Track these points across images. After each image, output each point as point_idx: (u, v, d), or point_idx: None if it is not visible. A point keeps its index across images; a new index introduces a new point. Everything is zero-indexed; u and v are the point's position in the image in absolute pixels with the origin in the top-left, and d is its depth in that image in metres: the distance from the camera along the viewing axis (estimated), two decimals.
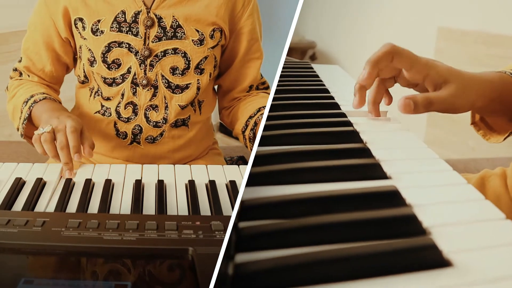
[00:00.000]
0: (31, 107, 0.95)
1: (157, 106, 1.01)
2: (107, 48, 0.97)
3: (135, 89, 1.00)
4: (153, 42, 0.98)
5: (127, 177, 0.82)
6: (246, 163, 1.24)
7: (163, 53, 0.98)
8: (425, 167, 0.57)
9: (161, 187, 0.78)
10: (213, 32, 1.01)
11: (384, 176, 0.53)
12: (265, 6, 1.32)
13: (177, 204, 0.75)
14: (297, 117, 0.73)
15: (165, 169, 0.86)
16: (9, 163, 0.85)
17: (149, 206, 0.73)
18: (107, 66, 0.98)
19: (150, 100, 1.01)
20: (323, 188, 0.49)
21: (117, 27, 0.97)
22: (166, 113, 1.02)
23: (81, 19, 0.98)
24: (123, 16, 0.97)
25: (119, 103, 1.01)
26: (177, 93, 1.02)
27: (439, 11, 2.45)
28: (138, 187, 0.78)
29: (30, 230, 0.60)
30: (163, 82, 1.00)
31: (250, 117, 1.02)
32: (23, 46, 1.05)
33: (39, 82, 1.05)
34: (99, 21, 0.97)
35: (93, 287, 0.51)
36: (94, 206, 0.72)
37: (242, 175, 0.86)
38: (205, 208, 0.74)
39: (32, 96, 0.97)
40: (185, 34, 0.99)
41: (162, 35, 0.98)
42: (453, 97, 0.68)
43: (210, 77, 1.05)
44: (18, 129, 0.99)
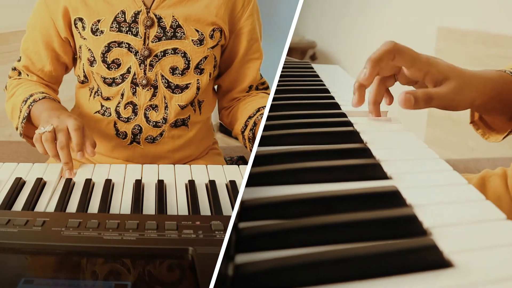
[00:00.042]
0: (30, 106, 0.95)
1: (157, 106, 1.01)
2: (106, 48, 0.97)
3: (134, 89, 1.00)
4: (152, 42, 0.98)
5: (127, 177, 0.82)
6: (246, 163, 1.24)
7: (162, 53, 0.98)
8: (425, 167, 0.56)
9: (161, 187, 0.78)
10: (213, 32, 1.01)
11: (384, 176, 0.53)
12: (265, 6, 1.32)
13: (177, 204, 0.75)
14: (297, 117, 0.73)
15: (165, 169, 0.86)
16: (9, 163, 0.85)
17: (149, 206, 0.73)
18: (106, 66, 0.98)
19: (150, 100, 1.01)
20: (323, 188, 0.49)
21: (117, 27, 0.97)
22: (166, 113, 1.02)
23: (81, 19, 0.98)
24: (123, 16, 0.97)
25: (119, 103, 1.01)
26: (177, 93, 1.02)
27: (439, 11, 2.45)
28: (138, 187, 0.78)
29: (30, 230, 0.60)
30: (162, 82, 1.00)
31: (249, 117, 1.02)
32: (22, 45, 1.05)
33: (38, 81, 1.05)
34: (99, 21, 0.97)
35: (93, 287, 0.51)
36: (94, 206, 0.72)
37: (242, 175, 0.86)
38: (205, 208, 0.74)
39: (31, 95, 0.97)
40: (184, 34, 0.98)
41: (161, 35, 0.98)
42: (452, 94, 0.68)
43: (210, 77, 1.05)
44: (17, 128, 0.99)
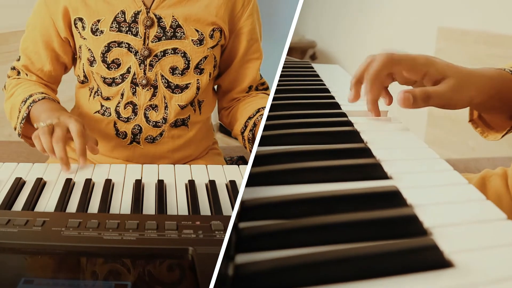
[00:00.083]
0: (30, 107, 0.95)
1: (156, 106, 1.01)
2: (106, 48, 0.97)
3: (134, 89, 1.00)
4: (152, 42, 0.97)
5: (127, 177, 0.82)
6: (246, 163, 1.24)
7: (162, 53, 0.98)
8: (425, 167, 0.56)
9: (161, 187, 0.78)
10: (212, 32, 1.01)
11: (384, 176, 0.53)
12: (265, 6, 1.32)
13: (177, 204, 0.75)
14: (297, 116, 0.73)
15: (165, 169, 0.86)
16: (9, 163, 0.85)
17: (149, 206, 0.73)
18: (106, 66, 0.98)
19: (149, 100, 1.01)
20: (324, 188, 0.49)
21: (117, 27, 0.96)
22: (165, 113, 1.02)
23: (81, 19, 0.98)
24: (123, 16, 0.97)
25: (119, 103, 1.01)
26: (176, 93, 1.02)
27: (439, 11, 2.45)
28: (138, 187, 0.78)
29: (30, 230, 0.60)
30: (162, 82, 1.00)
31: (249, 118, 1.02)
32: (21, 45, 1.05)
33: (37, 81, 1.05)
34: (98, 21, 0.97)
35: (93, 287, 0.51)
36: (94, 206, 0.72)
37: (242, 175, 0.86)
38: (205, 208, 0.74)
39: (30, 95, 0.97)
40: (184, 34, 0.98)
41: (161, 35, 0.98)
42: (451, 92, 0.67)
43: (209, 77, 1.05)
44: (15, 129, 0.99)
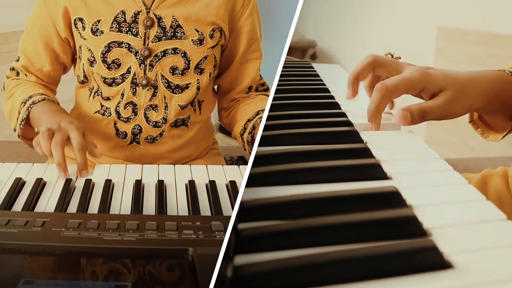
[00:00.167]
0: (30, 108, 0.95)
1: (156, 106, 1.01)
2: (107, 48, 0.97)
3: (135, 89, 1.00)
4: (152, 42, 0.97)
5: (127, 177, 0.82)
6: (246, 163, 1.24)
7: (163, 53, 0.98)
8: (425, 167, 0.56)
9: (161, 187, 0.78)
10: (212, 32, 1.01)
11: (384, 176, 0.53)
12: (265, 6, 1.31)
13: (177, 204, 0.75)
14: (297, 116, 0.72)
15: (165, 169, 0.86)
16: (9, 163, 0.85)
17: (149, 206, 0.73)
18: (107, 66, 0.98)
19: (150, 100, 1.01)
20: (323, 188, 0.49)
21: (117, 27, 0.96)
22: (166, 113, 1.02)
23: (81, 19, 0.98)
24: (123, 16, 0.97)
25: (119, 103, 1.01)
26: (177, 93, 1.02)
27: (439, 11, 2.45)
28: (138, 187, 0.78)
29: (30, 230, 0.60)
30: (163, 82, 1.00)
31: (248, 120, 1.02)
32: (20, 45, 1.05)
33: (36, 82, 1.05)
34: (99, 21, 0.97)
35: (93, 287, 0.51)
36: (94, 206, 0.72)
37: (242, 175, 0.86)
38: (205, 208, 0.73)
39: (30, 97, 0.97)
40: (184, 34, 0.98)
41: (161, 35, 0.98)
42: (448, 104, 0.67)
43: (210, 77, 1.05)
44: (14, 130, 0.98)
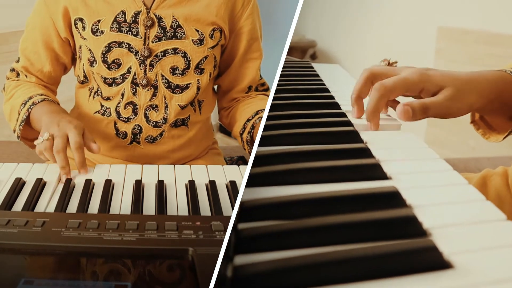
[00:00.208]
0: (30, 109, 0.95)
1: (157, 106, 1.01)
2: (107, 48, 0.97)
3: (135, 89, 1.00)
4: (153, 42, 0.97)
5: (127, 177, 0.82)
6: (246, 163, 1.24)
7: (163, 53, 0.98)
8: (425, 167, 0.56)
9: (161, 187, 0.78)
10: (213, 32, 1.01)
11: (384, 176, 0.53)
12: (265, 6, 1.31)
13: (177, 204, 0.75)
14: (297, 116, 0.72)
15: (165, 169, 0.86)
16: (9, 163, 0.85)
17: (149, 206, 0.73)
18: (107, 66, 0.98)
19: (150, 100, 1.01)
20: (323, 188, 0.49)
21: (117, 27, 0.96)
22: (166, 113, 1.02)
23: (81, 19, 0.98)
24: (123, 16, 0.97)
25: (119, 103, 1.01)
26: (177, 93, 1.02)
27: (439, 11, 2.45)
28: (138, 187, 0.78)
29: (30, 230, 0.60)
30: (163, 82, 1.00)
31: (248, 120, 1.02)
32: (20, 45, 1.04)
33: (37, 83, 1.04)
34: (99, 21, 0.97)
35: (93, 287, 0.51)
36: (94, 206, 0.72)
37: (242, 175, 0.86)
38: (205, 208, 0.74)
39: (30, 98, 0.97)
40: (185, 34, 0.98)
41: (162, 35, 0.98)
42: (449, 101, 0.67)
43: (210, 77, 1.05)
44: (14, 131, 0.98)
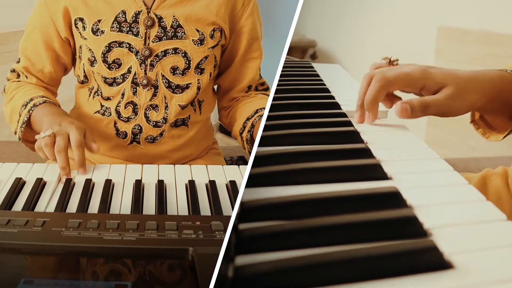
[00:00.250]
0: (31, 111, 0.95)
1: (157, 106, 1.01)
2: (107, 48, 0.97)
3: (135, 89, 1.00)
4: (153, 42, 0.97)
5: (127, 177, 0.82)
6: (246, 163, 1.24)
7: (163, 53, 0.98)
8: (425, 168, 0.56)
9: (161, 187, 0.78)
10: (213, 32, 1.01)
11: (384, 176, 0.53)
12: (265, 6, 1.31)
13: (177, 204, 0.75)
14: (297, 117, 0.73)
15: (165, 169, 0.86)
16: (9, 163, 0.85)
17: (149, 206, 0.73)
18: (107, 66, 0.98)
19: (150, 100, 1.01)
20: (324, 189, 0.49)
21: (118, 27, 0.96)
22: (166, 113, 1.02)
23: (81, 19, 0.98)
24: (124, 16, 0.97)
25: (119, 102, 1.01)
26: (177, 93, 1.02)
27: (439, 10, 2.45)
28: (138, 187, 0.78)
29: (30, 230, 0.60)
30: (163, 82, 1.00)
31: (247, 119, 1.02)
32: (21, 46, 1.04)
33: (37, 84, 1.04)
34: (99, 21, 0.97)
35: (93, 287, 0.51)
36: (94, 206, 0.72)
37: (242, 175, 0.86)
38: (205, 208, 0.74)
39: (31, 99, 0.96)
40: (185, 34, 0.98)
41: (162, 35, 0.98)
42: (449, 100, 0.67)
43: (210, 77, 1.05)
44: (15, 133, 0.98)
